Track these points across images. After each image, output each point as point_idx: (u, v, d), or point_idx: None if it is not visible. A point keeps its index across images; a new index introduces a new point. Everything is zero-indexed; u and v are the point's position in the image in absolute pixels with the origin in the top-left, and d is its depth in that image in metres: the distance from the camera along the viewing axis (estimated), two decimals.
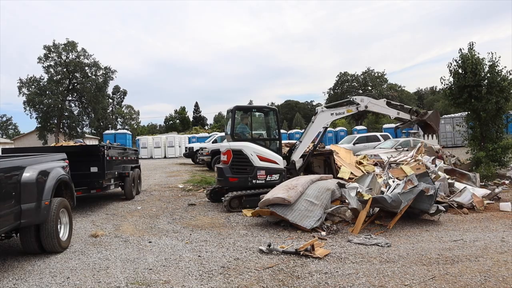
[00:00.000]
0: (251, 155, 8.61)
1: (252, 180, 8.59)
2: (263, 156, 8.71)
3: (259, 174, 8.61)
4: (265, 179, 8.64)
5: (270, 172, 8.70)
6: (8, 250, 5.80)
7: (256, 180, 8.61)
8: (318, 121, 9.71)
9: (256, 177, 8.61)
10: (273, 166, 8.79)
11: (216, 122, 77.77)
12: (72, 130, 44.72)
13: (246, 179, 8.58)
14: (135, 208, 9.27)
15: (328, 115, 9.76)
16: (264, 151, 8.84)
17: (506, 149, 11.44)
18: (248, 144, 8.77)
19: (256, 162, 8.62)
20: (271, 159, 8.82)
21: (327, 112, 9.77)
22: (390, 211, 6.76)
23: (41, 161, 5.54)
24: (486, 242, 5.54)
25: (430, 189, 6.76)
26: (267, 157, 8.78)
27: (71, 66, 43.89)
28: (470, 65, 11.38)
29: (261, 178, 8.62)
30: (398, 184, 7.81)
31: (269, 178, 8.68)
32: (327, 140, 34.78)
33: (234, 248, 5.56)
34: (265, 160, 8.72)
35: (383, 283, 4.05)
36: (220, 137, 23.42)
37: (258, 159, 8.64)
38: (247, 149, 8.64)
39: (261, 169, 8.63)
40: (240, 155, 8.62)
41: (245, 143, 8.78)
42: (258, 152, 8.69)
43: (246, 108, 9.70)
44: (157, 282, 4.24)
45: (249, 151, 8.63)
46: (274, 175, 8.74)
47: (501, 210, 7.82)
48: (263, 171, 8.63)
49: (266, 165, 8.69)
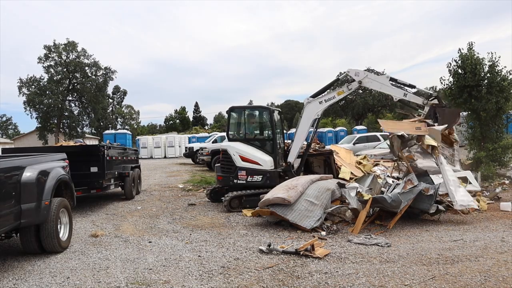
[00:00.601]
0: (233, 155, 8.68)
1: (233, 180, 8.66)
2: (245, 156, 8.68)
3: (239, 174, 8.62)
4: (245, 180, 8.61)
5: (251, 173, 8.61)
6: (8, 250, 5.80)
7: (237, 180, 8.64)
8: (306, 114, 9.01)
9: (237, 177, 8.63)
10: (254, 167, 8.64)
11: (216, 122, 77.76)
12: (72, 130, 44.70)
13: (228, 178, 8.73)
14: (135, 208, 9.27)
15: (317, 105, 8.91)
16: (247, 151, 8.74)
17: (506, 149, 11.43)
18: (233, 144, 8.88)
19: (238, 162, 8.65)
20: (253, 160, 8.67)
21: (314, 102, 8.96)
22: (390, 211, 6.76)
23: (41, 161, 5.55)
24: (486, 242, 5.54)
25: (430, 189, 6.76)
26: (249, 157, 8.68)
27: (71, 66, 43.88)
28: (470, 65, 11.37)
29: (241, 178, 8.62)
30: (398, 184, 7.81)
31: (250, 179, 8.61)
32: (327, 140, 34.77)
33: (234, 248, 5.56)
34: (246, 160, 8.67)
35: (383, 283, 4.05)
36: (220, 137, 23.41)
37: (240, 159, 8.66)
38: (231, 149, 8.75)
39: (242, 170, 8.64)
40: (226, 154, 8.79)
41: (232, 143, 8.92)
42: (240, 152, 8.70)
43: (241, 108, 9.73)
44: (157, 282, 4.24)
45: (232, 151, 8.72)
46: (256, 176, 8.61)
47: (501, 210, 7.82)
48: (244, 172, 8.62)
49: (247, 166, 8.65)
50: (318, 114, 8.92)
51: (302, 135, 9.12)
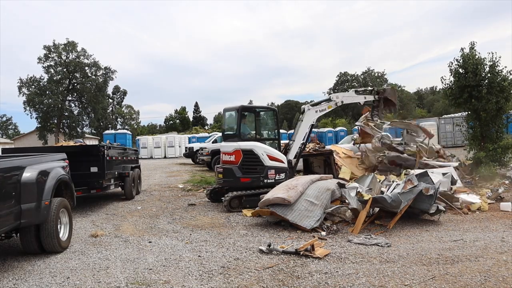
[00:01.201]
0: (262, 154, 8.63)
1: (264, 180, 8.62)
2: (272, 155, 8.77)
3: (269, 173, 8.65)
4: (274, 178, 8.69)
5: (279, 171, 8.78)
6: (8, 250, 5.80)
7: (267, 179, 8.64)
8: (306, 119, 9.90)
9: (267, 177, 8.64)
10: (280, 165, 8.87)
11: (216, 122, 77.67)
12: (72, 130, 44.74)
13: (258, 179, 8.59)
14: (135, 208, 9.27)
15: (314, 113, 9.99)
16: (272, 150, 8.92)
17: (506, 149, 11.43)
18: (258, 144, 8.80)
19: (267, 162, 8.66)
20: (279, 158, 8.91)
21: (312, 110, 9.98)
22: (390, 211, 6.76)
23: (41, 161, 5.55)
24: (486, 242, 5.54)
25: (430, 189, 6.75)
26: (276, 156, 8.85)
27: (71, 66, 43.92)
28: (471, 65, 11.37)
29: (271, 177, 8.67)
30: (398, 184, 7.81)
31: (278, 177, 8.74)
32: (327, 140, 34.79)
33: (234, 248, 5.56)
34: (274, 159, 8.78)
35: (383, 283, 4.05)
36: (220, 137, 23.41)
37: (268, 159, 8.68)
38: (258, 149, 8.66)
39: (271, 169, 8.68)
40: (251, 155, 8.59)
41: (255, 143, 8.79)
42: (268, 151, 8.75)
43: (251, 108, 9.73)
44: (157, 282, 4.24)
45: (260, 150, 8.67)
46: (282, 174, 8.83)
47: (501, 210, 7.83)
48: (273, 170, 8.69)
49: (275, 164, 8.76)
50: (313, 121, 10.08)
51: (302, 137, 9.78)
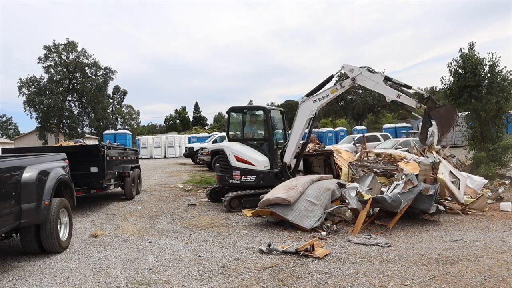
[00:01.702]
0: (229, 155, 8.74)
1: (228, 179, 8.72)
2: (239, 156, 8.68)
3: (234, 174, 8.65)
4: (240, 180, 8.62)
5: (245, 173, 8.61)
6: (8, 250, 5.80)
7: (232, 180, 8.68)
8: (301, 113, 8.64)
9: (232, 177, 8.66)
10: (248, 167, 8.62)
11: (216, 122, 77.72)
12: (72, 130, 44.72)
13: (224, 178, 8.84)
14: (135, 208, 9.27)
15: (311, 103, 8.55)
16: (242, 151, 8.72)
17: (506, 149, 11.44)
18: (230, 144, 8.95)
19: (233, 162, 8.69)
20: (247, 160, 8.64)
21: (309, 101, 8.60)
22: (390, 211, 6.76)
23: (41, 161, 5.55)
24: (486, 242, 5.54)
25: (430, 189, 6.76)
26: (244, 158, 8.67)
27: (71, 66, 43.89)
28: (470, 65, 11.38)
29: (236, 178, 8.65)
30: (398, 184, 7.81)
31: (244, 179, 8.61)
32: (327, 140, 34.78)
33: (234, 248, 5.56)
34: (241, 160, 8.67)
35: (383, 283, 4.05)
36: (220, 137, 23.41)
37: (235, 160, 8.68)
38: (227, 149, 8.81)
39: (236, 170, 8.66)
40: (223, 154, 8.87)
41: (229, 143, 9.00)
42: (235, 152, 8.72)
43: (239, 109, 9.79)
44: (157, 282, 4.24)
45: (228, 151, 8.77)
46: (249, 176, 8.59)
47: (501, 210, 7.83)
48: (238, 172, 8.65)
49: (241, 166, 8.65)
50: (312, 113, 8.56)
51: (298, 135, 8.78)
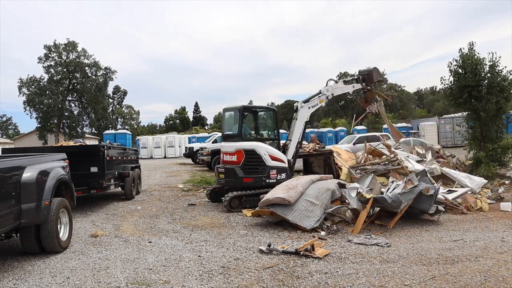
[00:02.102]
0: (264, 154, 8.63)
1: (266, 180, 8.62)
2: (274, 155, 8.76)
3: (271, 173, 8.65)
4: (276, 178, 8.69)
5: (280, 171, 8.77)
6: (8, 250, 5.80)
7: (270, 179, 8.64)
8: (300, 117, 9.70)
9: (269, 177, 8.64)
10: (281, 165, 8.86)
11: (216, 122, 77.66)
12: (72, 130, 44.72)
13: (260, 179, 8.58)
14: (135, 208, 9.27)
15: (306, 110, 9.78)
16: (274, 150, 8.91)
17: (506, 149, 11.44)
18: (260, 144, 8.80)
19: (269, 162, 8.66)
20: (280, 158, 8.90)
21: (305, 107, 9.77)
22: (390, 211, 6.76)
23: (41, 161, 5.54)
24: (486, 242, 5.54)
25: (430, 189, 6.76)
26: (277, 156, 8.84)
27: (71, 66, 43.90)
28: (470, 65, 11.39)
29: (273, 177, 8.68)
30: (398, 184, 7.82)
31: (279, 177, 8.73)
32: (327, 140, 34.80)
33: (234, 248, 5.56)
34: (275, 159, 8.77)
35: (383, 283, 4.05)
36: (220, 137, 23.40)
37: (270, 159, 8.68)
38: (260, 149, 8.65)
39: (273, 169, 8.68)
40: (253, 155, 8.58)
41: (257, 143, 8.79)
42: (270, 151, 8.76)
43: (251, 108, 9.71)
44: (157, 282, 4.24)
45: (262, 150, 8.66)
46: (283, 174, 8.82)
47: (501, 210, 7.83)
48: (275, 170, 8.69)
49: (276, 164, 8.76)
50: (307, 117, 9.87)
51: (298, 135, 9.63)
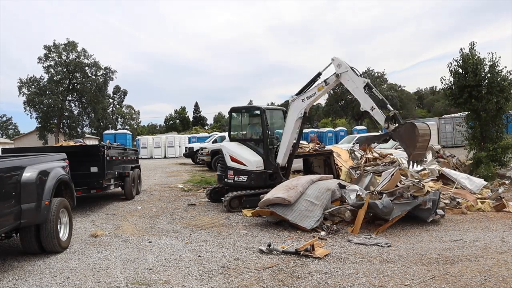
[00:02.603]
0: (225, 154, 8.94)
1: (224, 179, 8.94)
2: (234, 156, 8.83)
3: (228, 174, 8.81)
4: (233, 179, 8.75)
5: (238, 173, 8.72)
6: (8, 250, 5.80)
7: (227, 179, 8.84)
8: (291, 113, 8.40)
9: (227, 176, 8.84)
10: (240, 167, 8.71)
11: (216, 122, 77.79)
12: (72, 130, 44.74)
13: (221, 177, 9.14)
14: (135, 208, 9.27)
15: (300, 102, 8.32)
16: (237, 152, 8.83)
17: (506, 149, 11.43)
18: (227, 144, 9.14)
19: (228, 162, 8.85)
20: (240, 161, 8.74)
21: (297, 100, 8.36)
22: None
23: (41, 161, 5.55)
24: (486, 242, 5.54)
25: (427, 202, 6.58)
26: (237, 158, 8.80)
27: (71, 66, 43.91)
28: (471, 65, 11.38)
29: (230, 178, 8.79)
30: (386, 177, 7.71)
31: (237, 179, 8.72)
32: (327, 140, 34.81)
33: (234, 248, 5.56)
34: (234, 160, 8.80)
35: (383, 283, 4.05)
36: (220, 137, 23.40)
37: (230, 159, 8.84)
38: (224, 149, 9.06)
39: (230, 169, 8.81)
40: (221, 154, 9.13)
41: (227, 143, 9.18)
42: (231, 152, 8.88)
43: (238, 109, 9.85)
44: (157, 282, 4.24)
45: (224, 150, 9.00)
46: (242, 176, 8.67)
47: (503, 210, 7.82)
48: (232, 171, 8.79)
49: (234, 166, 8.78)
50: (301, 112, 8.30)
51: (289, 135, 8.52)
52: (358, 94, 7.60)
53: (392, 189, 6.96)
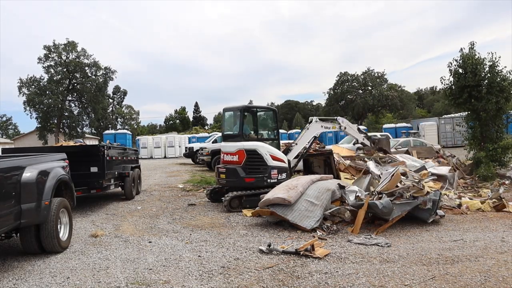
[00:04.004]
0: (265, 154, 8.65)
1: (267, 180, 8.61)
2: (275, 155, 8.79)
3: (272, 173, 8.66)
4: (277, 178, 8.70)
5: (281, 171, 8.79)
6: (8, 250, 5.80)
7: (271, 179, 8.64)
8: (311, 130, 10.19)
9: (270, 176, 8.65)
10: (282, 165, 8.89)
11: (216, 122, 77.71)
12: (72, 130, 44.71)
13: (262, 179, 8.57)
14: (135, 208, 9.27)
15: (319, 127, 10.33)
16: (275, 150, 8.93)
17: (506, 149, 11.44)
18: (262, 144, 8.80)
19: (270, 162, 8.67)
20: (281, 158, 8.93)
21: (318, 124, 10.32)
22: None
23: (41, 161, 5.54)
24: (486, 242, 5.54)
25: (427, 202, 6.60)
26: (278, 156, 8.87)
27: (71, 66, 43.89)
28: (471, 65, 11.38)
29: (274, 177, 8.69)
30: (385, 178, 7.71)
31: (280, 177, 8.74)
32: (327, 140, 34.80)
33: (234, 248, 5.56)
34: (276, 159, 8.79)
35: (383, 283, 4.05)
36: (220, 137, 23.40)
37: (271, 159, 8.70)
38: (262, 149, 8.66)
39: (274, 168, 8.69)
40: (254, 155, 8.58)
41: (258, 143, 8.78)
42: (271, 151, 8.78)
43: (252, 108, 9.67)
44: (157, 282, 4.24)
45: (264, 150, 8.67)
46: (283, 174, 8.84)
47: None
48: (276, 170, 8.70)
49: (277, 164, 8.78)
50: (317, 133, 10.49)
51: (305, 142, 10.06)
52: (354, 134, 11.35)
53: (392, 190, 6.96)
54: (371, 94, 50.80)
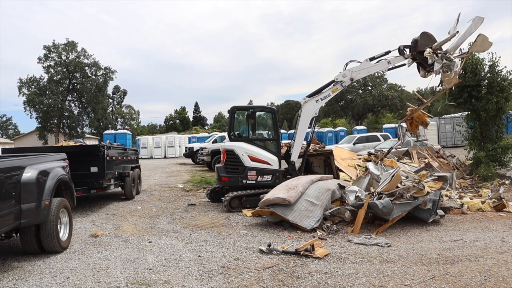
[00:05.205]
0: (242, 155, 8.66)
1: (242, 180, 8.63)
2: (254, 156, 8.69)
3: (249, 174, 8.63)
4: (255, 180, 8.63)
5: (261, 172, 8.65)
6: (8, 250, 5.80)
7: (247, 180, 8.63)
8: (305, 113, 9.13)
9: (246, 177, 8.62)
10: (264, 167, 8.70)
11: (216, 122, 77.82)
12: (72, 130, 44.68)
13: (236, 179, 8.66)
14: (135, 208, 9.27)
15: (314, 103, 9.12)
16: (256, 151, 8.76)
17: (506, 149, 11.45)
18: (240, 144, 8.80)
19: (247, 162, 8.65)
20: (263, 160, 8.74)
21: (311, 101, 9.14)
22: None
23: (41, 161, 5.55)
24: (486, 242, 5.54)
25: (427, 202, 6.59)
26: (259, 157, 8.72)
27: (71, 66, 43.86)
28: (470, 65, 11.39)
29: (251, 178, 8.64)
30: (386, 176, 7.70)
31: (260, 179, 8.64)
32: (327, 140, 34.80)
33: (234, 248, 5.57)
34: (256, 160, 8.69)
35: (383, 283, 4.05)
36: (220, 137, 23.43)
37: (249, 159, 8.66)
38: (239, 149, 8.70)
39: (252, 169, 8.64)
40: (232, 155, 8.70)
41: (238, 143, 8.81)
42: (249, 152, 8.70)
43: (244, 108, 9.71)
44: (157, 282, 4.24)
45: (240, 151, 8.68)
46: (266, 176, 8.67)
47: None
48: (254, 172, 8.64)
49: (257, 166, 8.67)
50: (315, 112, 9.16)
51: (302, 134, 9.26)
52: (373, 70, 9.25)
53: (392, 190, 6.97)
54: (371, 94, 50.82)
